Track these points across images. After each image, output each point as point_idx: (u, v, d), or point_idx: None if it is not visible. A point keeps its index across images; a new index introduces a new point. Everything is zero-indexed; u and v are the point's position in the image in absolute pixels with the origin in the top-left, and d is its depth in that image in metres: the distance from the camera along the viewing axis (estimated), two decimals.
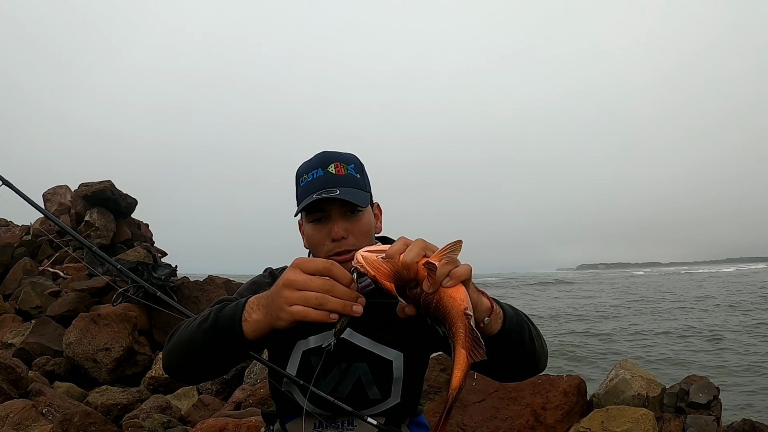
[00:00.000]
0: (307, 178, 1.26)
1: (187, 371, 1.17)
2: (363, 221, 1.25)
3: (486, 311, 0.97)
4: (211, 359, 1.11)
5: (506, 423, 3.48)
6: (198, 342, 1.09)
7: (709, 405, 3.69)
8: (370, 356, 1.26)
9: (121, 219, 9.17)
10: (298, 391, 1.28)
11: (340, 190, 1.20)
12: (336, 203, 1.21)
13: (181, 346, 1.13)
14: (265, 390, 3.99)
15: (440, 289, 0.82)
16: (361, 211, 1.25)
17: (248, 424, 3.11)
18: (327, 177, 1.24)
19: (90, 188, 8.74)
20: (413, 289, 0.84)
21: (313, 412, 1.28)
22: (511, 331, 1.03)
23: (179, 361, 1.15)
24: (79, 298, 6.05)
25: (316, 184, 1.23)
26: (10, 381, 3.82)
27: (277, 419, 1.36)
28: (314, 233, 1.25)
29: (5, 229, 10.55)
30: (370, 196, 1.31)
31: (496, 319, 1.01)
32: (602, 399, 3.92)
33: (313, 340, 1.27)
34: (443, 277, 0.82)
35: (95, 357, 4.98)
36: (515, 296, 28.11)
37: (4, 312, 6.37)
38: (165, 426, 3.75)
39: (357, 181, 1.27)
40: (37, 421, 3.41)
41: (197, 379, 1.23)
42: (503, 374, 1.16)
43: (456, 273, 0.83)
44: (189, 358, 1.13)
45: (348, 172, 1.26)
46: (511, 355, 1.07)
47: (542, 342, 1.14)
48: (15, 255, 8.19)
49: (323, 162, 1.26)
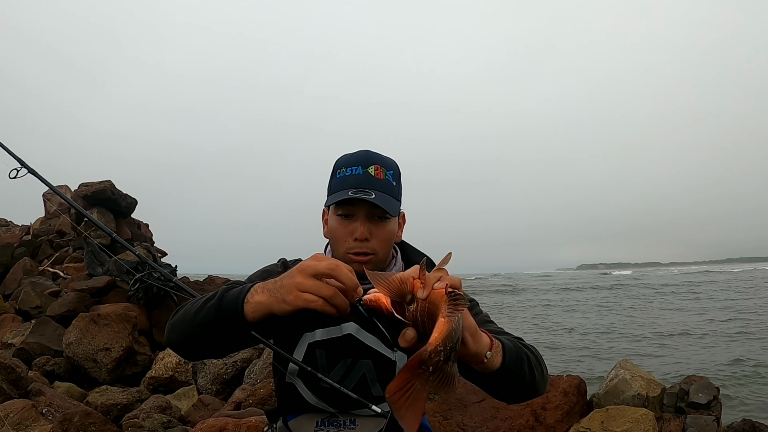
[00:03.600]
0: (344, 172, 1.27)
1: (186, 345, 1.17)
2: (388, 228, 1.26)
3: (487, 346, 0.97)
4: (211, 336, 1.11)
5: (506, 423, 3.48)
6: (200, 318, 1.10)
7: (709, 405, 3.69)
8: (376, 354, 1.27)
9: (121, 219, 9.17)
10: (302, 384, 1.29)
11: (376, 194, 1.21)
12: (367, 205, 1.22)
13: (185, 320, 1.14)
14: (265, 390, 3.99)
15: (432, 291, 0.84)
16: (389, 219, 1.26)
17: (248, 424, 3.11)
18: (365, 177, 1.25)
19: (90, 188, 8.74)
20: (409, 305, 0.86)
21: (317, 405, 1.29)
22: (512, 365, 1.04)
23: (180, 335, 1.16)
24: (79, 298, 6.05)
25: (353, 181, 1.24)
26: (10, 381, 3.81)
27: (280, 417, 1.37)
28: (339, 228, 1.26)
29: (5, 229, 10.56)
30: (400, 205, 1.32)
31: (497, 354, 1.01)
32: (602, 399, 3.92)
33: (319, 333, 1.28)
34: (435, 279, 0.85)
35: (95, 357, 4.98)
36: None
37: (4, 312, 6.37)
38: (165, 426, 3.75)
39: (392, 189, 1.27)
40: (37, 421, 3.41)
41: (195, 354, 1.22)
42: (503, 399, 1.16)
43: (446, 278, 0.86)
44: (190, 332, 1.13)
45: (386, 178, 1.27)
46: (511, 388, 1.08)
47: (542, 368, 1.14)
48: (15, 255, 8.18)
49: (365, 161, 1.27)
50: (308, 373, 1.28)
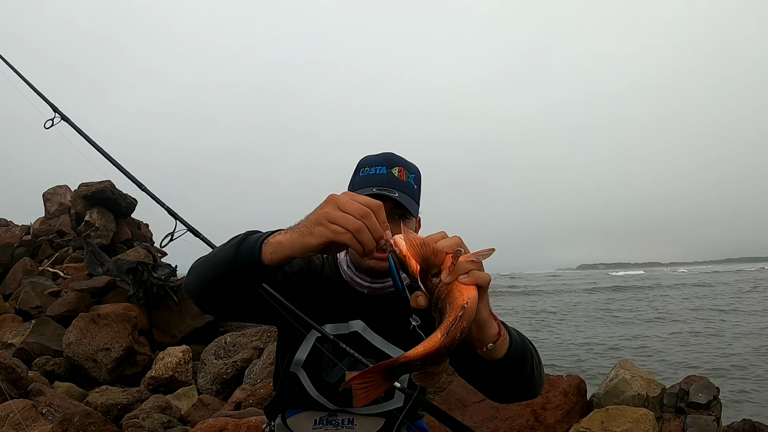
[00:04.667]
0: (369, 171, 1.30)
1: (201, 291, 1.14)
2: (408, 228, 1.28)
3: (494, 336, 0.98)
4: (226, 282, 1.07)
5: (506, 423, 3.48)
6: (217, 258, 1.08)
7: (709, 405, 3.69)
8: (380, 354, 1.29)
9: (121, 219, 9.18)
10: (306, 376, 1.30)
11: (398, 194, 1.24)
12: (390, 204, 1.24)
13: (205, 262, 1.13)
14: (265, 390, 3.99)
15: (455, 282, 0.83)
16: (409, 219, 1.29)
17: (248, 424, 3.11)
18: (389, 177, 1.28)
19: (90, 188, 8.75)
20: (433, 277, 0.85)
21: (317, 399, 1.29)
22: (515, 357, 1.04)
23: (197, 276, 1.14)
24: (79, 298, 6.05)
25: (377, 180, 1.27)
26: (10, 381, 3.82)
27: (279, 412, 1.37)
28: None
29: (5, 229, 10.56)
30: (419, 208, 1.35)
31: (503, 344, 1.01)
32: (602, 399, 3.92)
33: (329, 327, 1.30)
34: (463, 271, 0.83)
35: (95, 357, 4.98)
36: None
37: (4, 312, 6.37)
38: (165, 426, 3.75)
39: (413, 191, 1.31)
40: (37, 421, 3.41)
41: (209, 303, 1.17)
42: (497, 395, 1.17)
43: (476, 273, 0.84)
44: (206, 276, 1.11)
45: (408, 180, 1.31)
46: (511, 381, 1.09)
47: (541, 371, 1.16)
48: (15, 255, 8.19)
49: (389, 162, 1.31)
50: (313, 365, 1.29)
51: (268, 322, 1.31)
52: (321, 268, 1.37)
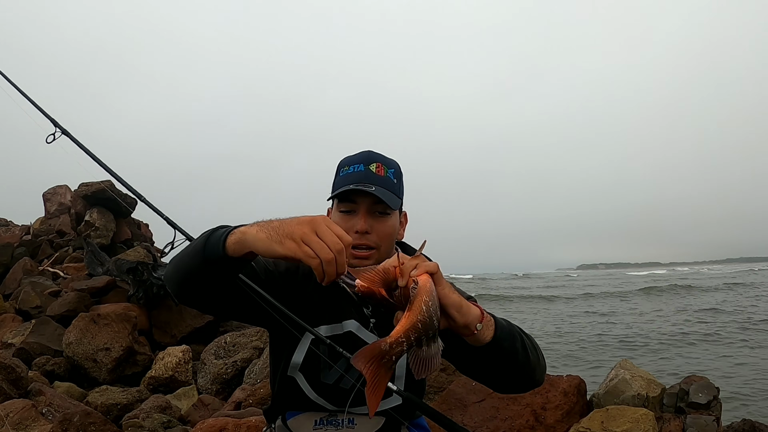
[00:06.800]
0: (347, 170, 1.31)
1: (176, 281, 1.17)
2: (388, 223, 1.29)
3: (476, 318, 1.02)
4: (196, 275, 1.09)
5: (506, 423, 3.48)
6: (191, 248, 1.11)
7: (709, 405, 3.69)
8: None
9: (121, 219, 9.17)
10: (303, 378, 1.30)
11: (376, 188, 1.25)
12: (368, 199, 1.26)
13: (183, 253, 1.16)
14: (265, 390, 3.99)
15: (409, 279, 0.94)
16: (389, 213, 1.29)
17: (248, 424, 3.11)
18: (367, 173, 1.29)
19: (90, 188, 8.74)
20: (395, 291, 0.97)
21: (316, 401, 1.29)
22: (503, 340, 1.07)
23: (173, 268, 1.17)
24: (79, 298, 6.05)
25: (355, 178, 1.28)
26: (10, 381, 3.82)
27: (278, 415, 1.37)
28: (341, 223, 1.28)
29: (5, 229, 10.55)
30: (401, 203, 1.35)
31: (488, 327, 1.05)
32: (602, 399, 3.92)
33: (324, 329, 1.29)
34: (410, 269, 0.94)
35: (95, 357, 4.98)
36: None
37: (4, 312, 6.37)
38: (165, 426, 3.75)
39: (393, 186, 1.31)
40: (37, 421, 3.41)
41: (186, 295, 1.18)
42: (499, 385, 1.20)
43: (421, 265, 0.95)
44: (179, 267, 1.14)
45: (387, 175, 1.31)
46: (505, 365, 1.10)
47: (538, 354, 1.17)
48: (15, 255, 8.18)
49: (366, 159, 1.31)
50: (310, 368, 1.29)
51: (260, 324, 1.31)
52: (309, 269, 1.37)
